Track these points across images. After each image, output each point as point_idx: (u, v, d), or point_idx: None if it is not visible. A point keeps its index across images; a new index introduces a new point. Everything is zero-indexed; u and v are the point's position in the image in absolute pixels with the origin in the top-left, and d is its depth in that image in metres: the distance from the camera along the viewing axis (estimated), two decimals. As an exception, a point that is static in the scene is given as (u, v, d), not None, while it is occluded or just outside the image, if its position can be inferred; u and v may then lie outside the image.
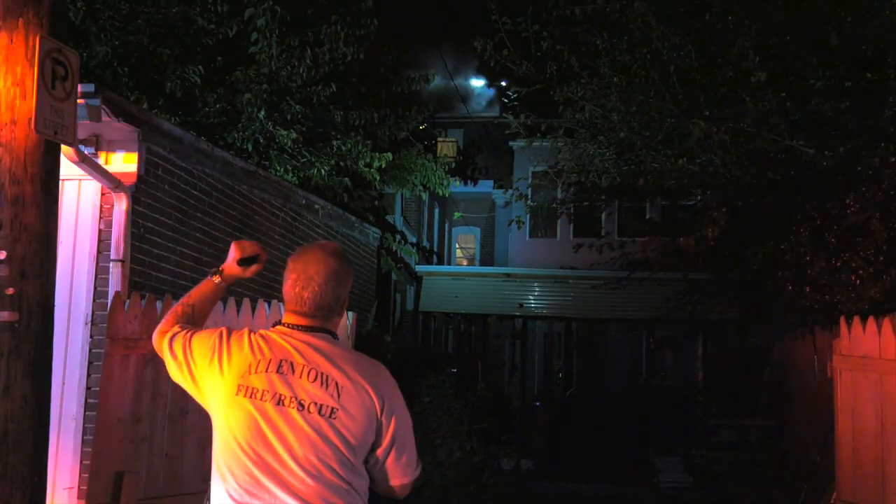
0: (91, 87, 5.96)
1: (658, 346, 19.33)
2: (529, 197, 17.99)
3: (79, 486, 5.72)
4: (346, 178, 13.06)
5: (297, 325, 2.97)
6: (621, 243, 15.46)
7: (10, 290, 4.43)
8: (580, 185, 14.82)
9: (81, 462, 5.70)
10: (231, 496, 2.80)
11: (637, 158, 12.00)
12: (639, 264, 15.37)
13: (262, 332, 3.01)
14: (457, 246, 29.73)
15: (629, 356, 20.20)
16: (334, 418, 2.82)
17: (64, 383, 5.68)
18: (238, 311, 6.33)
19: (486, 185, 26.41)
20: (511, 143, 23.33)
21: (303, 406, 2.82)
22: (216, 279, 3.29)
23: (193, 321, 3.19)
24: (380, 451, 2.93)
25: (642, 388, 18.43)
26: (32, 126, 4.50)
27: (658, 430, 15.66)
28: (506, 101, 13.39)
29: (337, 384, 2.86)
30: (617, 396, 18.08)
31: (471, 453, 10.20)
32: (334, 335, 3.03)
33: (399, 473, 2.99)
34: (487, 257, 27.58)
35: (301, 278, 2.98)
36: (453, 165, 18.48)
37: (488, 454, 10.56)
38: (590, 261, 16.28)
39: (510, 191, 16.56)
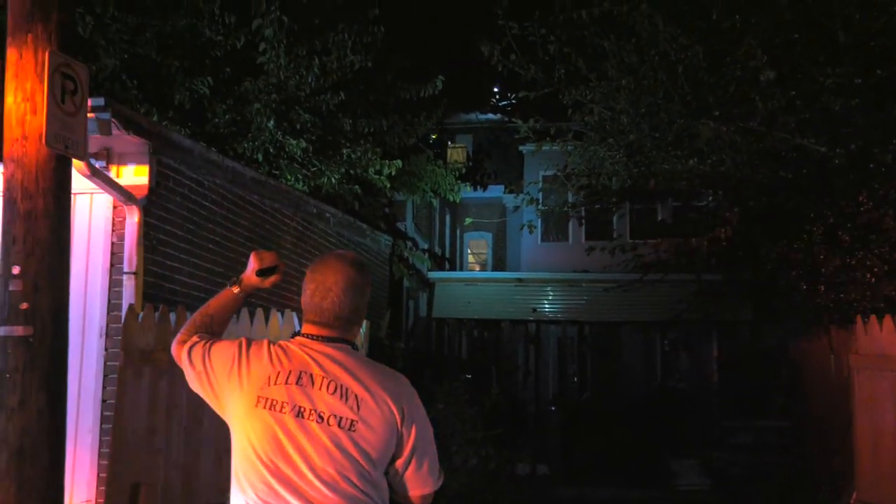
0: (101, 101, 5.98)
1: (672, 349, 19.30)
2: (540, 201, 17.99)
3: (96, 499, 5.73)
4: (357, 186, 13.09)
5: (317, 336, 2.94)
6: (633, 245, 15.42)
7: (25, 305, 4.45)
8: (591, 188, 14.79)
9: (98, 474, 5.72)
10: None
11: (647, 160, 11.97)
12: (651, 266, 15.33)
13: (281, 342, 2.98)
14: (469, 251, 29.69)
15: (643, 359, 20.15)
16: (354, 431, 2.80)
17: (79, 396, 5.70)
18: (251, 321, 6.34)
19: (496, 190, 26.37)
20: (521, 148, 23.32)
21: (322, 418, 2.80)
22: (235, 289, 3.26)
23: (212, 331, 3.16)
24: (400, 463, 2.91)
25: (657, 390, 18.39)
26: (43, 141, 4.52)
27: (674, 432, 15.61)
28: (496, 99, 13.39)
29: (357, 396, 2.83)
30: (632, 399, 18.04)
31: (486, 459, 10.18)
32: (354, 345, 3.00)
33: (420, 484, 2.97)
34: (500, 262, 27.53)
35: (320, 288, 2.94)
36: (463, 171, 18.48)
37: (503, 460, 10.54)
38: (602, 264, 16.22)
39: (521, 195, 16.57)
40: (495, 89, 19.34)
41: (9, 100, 4.50)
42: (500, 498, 10.13)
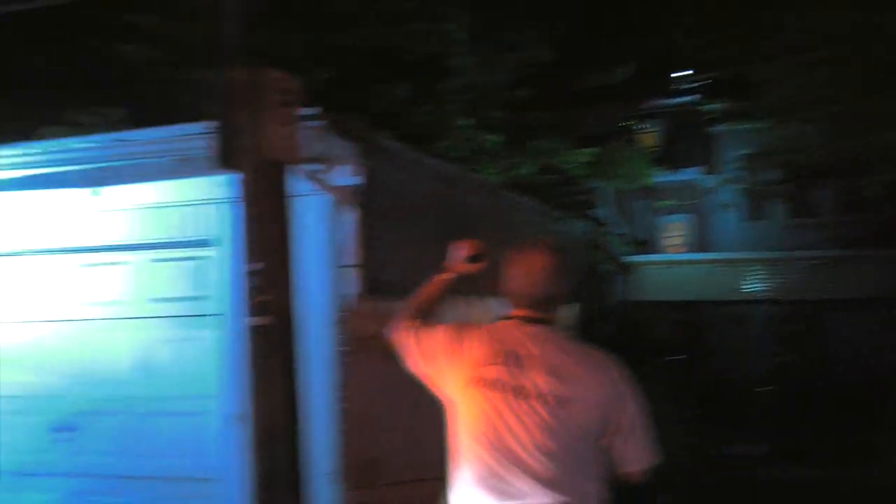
0: (314, 111, 6.44)
1: (887, 326, 18.49)
2: (738, 180, 17.67)
3: (335, 472, 6.21)
4: (552, 175, 13.32)
5: (523, 318, 3.08)
6: (839, 222, 14.96)
7: (264, 297, 4.99)
8: (791, 165, 14.44)
9: (335, 451, 6.20)
10: (472, 482, 2.96)
11: (851, 132, 11.61)
12: (859, 242, 14.81)
13: (492, 325, 3.17)
14: (666, 234, 29.25)
15: (855, 337, 19.39)
16: (567, 408, 2.91)
17: (314, 381, 6.18)
18: (457, 307, 6.65)
19: (690, 172, 25.89)
20: (712, 129, 22.89)
21: (537, 396, 2.92)
22: (444, 276, 3.52)
23: (425, 316, 3.37)
24: (615, 439, 2.99)
25: (871, 369, 17.70)
26: (268, 150, 5.04)
27: (889, 411, 15.04)
28: (683, 83, 13.25)
29: (568, 374, 2.95)
30: (844, 379, 17.44)
31: (694, 439, 10.21)
32: (559, 326, 3.13)
33: (635, 459, 3.04)
34: (698, 243, 27.03)
35: (523, 273, 3.09)
36: (655, 155, 18.34)
37: (711, 440, 10.53)
38: (806, 241, 15.80)
39: (717, 176, 16.37)
40: (684, 72, 19.09)
41: (236, 116, 5.03)
42: (710, 477, 10.13)
